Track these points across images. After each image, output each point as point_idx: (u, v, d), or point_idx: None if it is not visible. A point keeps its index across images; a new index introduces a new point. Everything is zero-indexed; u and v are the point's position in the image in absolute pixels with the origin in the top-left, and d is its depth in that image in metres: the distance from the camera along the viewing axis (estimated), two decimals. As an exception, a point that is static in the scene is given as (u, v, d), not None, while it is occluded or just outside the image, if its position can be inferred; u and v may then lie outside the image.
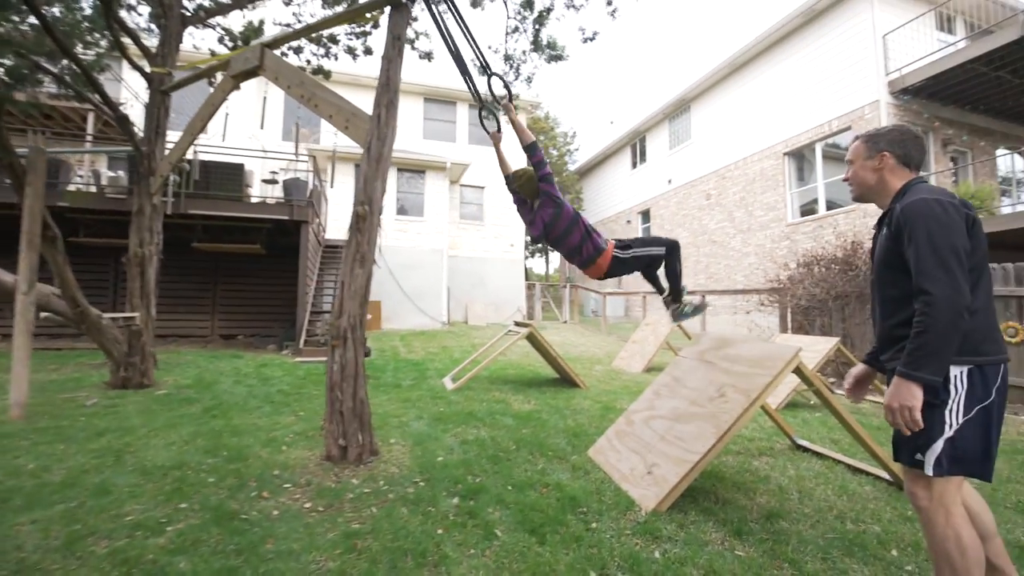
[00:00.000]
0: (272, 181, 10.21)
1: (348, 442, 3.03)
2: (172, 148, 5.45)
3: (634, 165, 18.94)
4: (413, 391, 5.56)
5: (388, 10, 3.92)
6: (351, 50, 8.56)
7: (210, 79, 7.18)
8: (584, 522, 2.32)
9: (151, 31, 8.03)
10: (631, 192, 18.99)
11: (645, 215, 18.13)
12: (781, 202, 12.14)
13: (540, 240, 3.50)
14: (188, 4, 6.35)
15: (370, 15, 4.26)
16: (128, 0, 6.84)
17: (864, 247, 7.40)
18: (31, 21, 5.85)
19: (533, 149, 3.28)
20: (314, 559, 1.98)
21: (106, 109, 5.40)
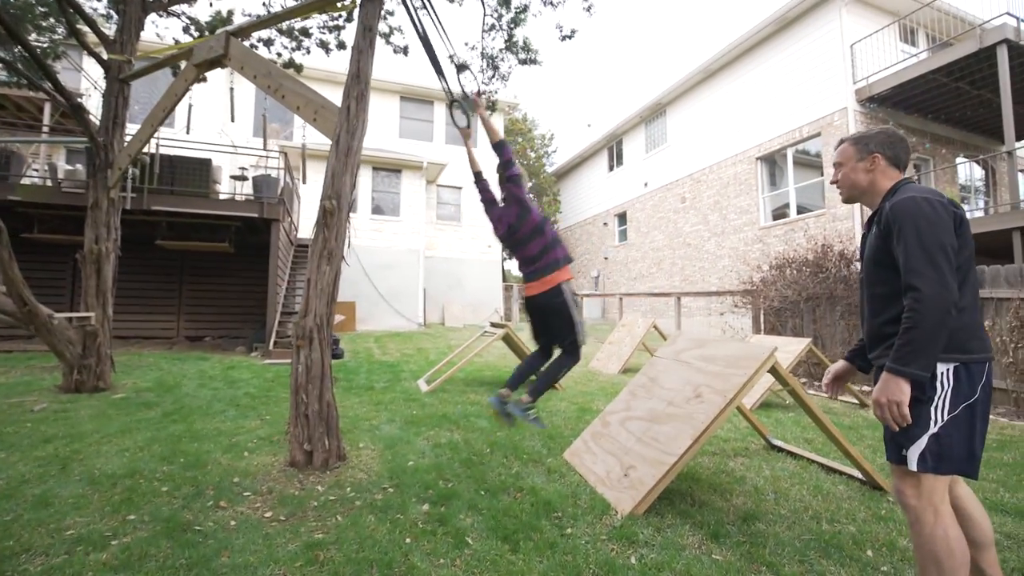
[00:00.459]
0: (242, 178, 9.90)
1: (314, 447, 2.90)
2: (131, 139, 5.20)
3: (611, 168, 19.07)
4: (386, 393, 5.41)
5: (360, 0, 3.80)
6: (324, 44, 8.36)
7: (173, 68, 6.92)
8: (559, 528, 2.25)
9: (110, 18, 7.70)
10: (608, 195, 19.10)
11: (622, 218, 18.26)
12: (754, 206, 12.35)
13: (503, 241, 3.30)
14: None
15: (342, 4, 4.11)
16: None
17: (834, 250, 7.56)
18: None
19: (501, 147, 3.18)
20: (272, 572, 1.85)
21: (59, 97, 5.11)
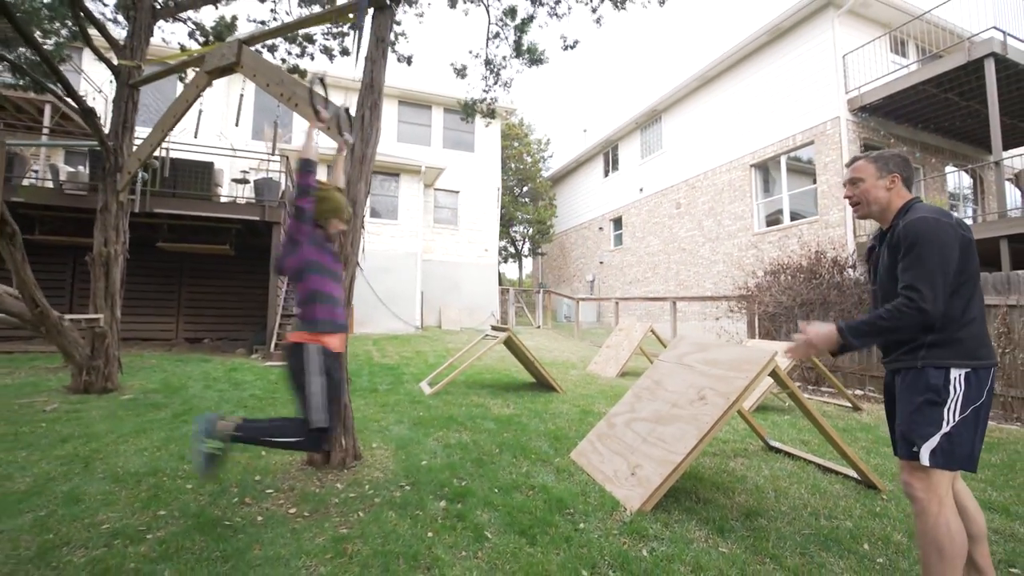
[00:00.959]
0: (243, 181, 9.96)
1: (331, 447, 2.99)
2: (141, 144, 5.26)
3: (606, 173, 19.26)
4: (390, 395, 5.50)
5: (372, 12, 3.92)
6: (327, 50, 8.46)
7: (182, 75, 6.98)
8: (572, 523, 2.36)
9: (116, 22, 7.76)
10: (604, 199, 19.29)
11: (617, 222, 18.44)
12: (748, 212, 12.55)
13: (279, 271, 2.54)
14: (159, -3, 6.16)
15: (354, 16, 4.22)
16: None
17: (827, 256, 7.74)
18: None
19: (305, 169, 2.43)
20: (304, 564, 1.95)
21: (70, 102, 5.18)
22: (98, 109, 10.22)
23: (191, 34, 7.82)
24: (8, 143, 5.45)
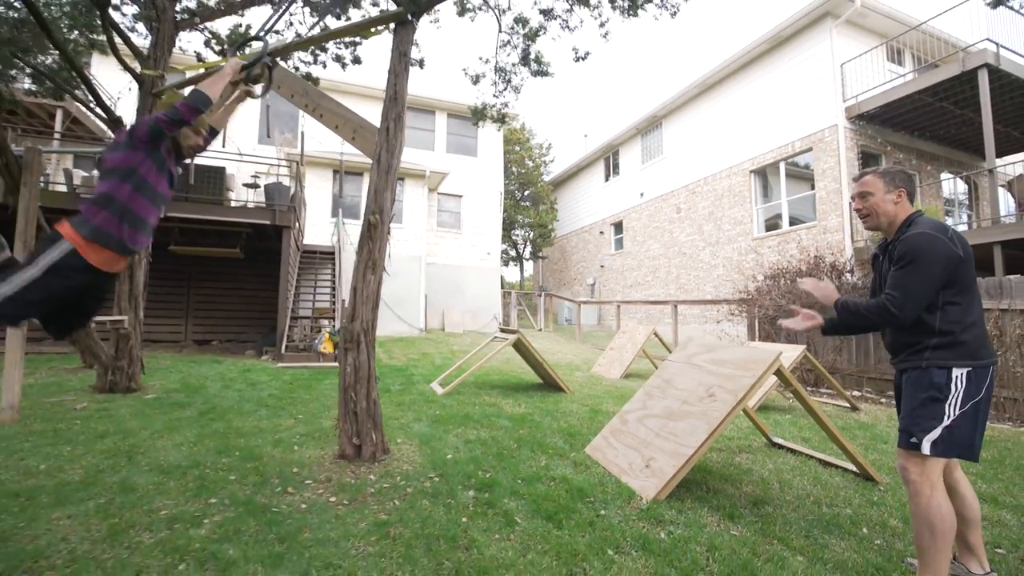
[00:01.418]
0: (254, 185, 10.14)
1: (362, 441, 3.18)
2: (166, 152, 5.45)
3: (607, 178, 19.49)
4: (404, 395, 5.68)
5: (394, 27, 4.12)
6: (339, 58, 8.64)
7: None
8: (593, 510, 2.55)
9: (134, 30, 7.95)
10: (604, 204, 19.52)
11: (618, 226, 18.66)
12: (748, 217, 12.78)
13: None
14: (180, 8, 6.35)
15: (376, 30, 4.43)
16: (116, 1, 6.78)
17: (825, 261, 7.96)
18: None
19: (192, 98, 2.15)
20: (353, 545, 2.14)
21: (99, 110, 5.36)
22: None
23: (207, 42, 8.02)
24: (44, 150, 5.61)
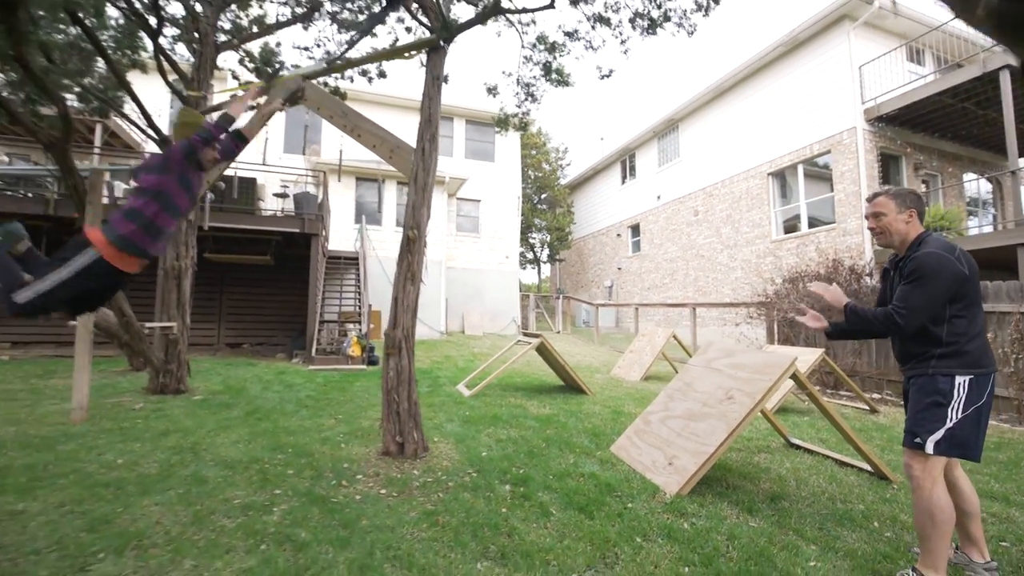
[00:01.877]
0: (283, 195, 10.55)
1: (404, 439, 3.45)
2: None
3: (624, 181, 19.62)
4: (433, 397, 5.95)
5: (427, 52, 4.40)
6: (365, 72, 8.99)
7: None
8: (621, 503, 2.78)
9: (174, 51, 8.39)
10: (621, 207, 19.65)
11: (635, 229, 18.78)
12: (766, 219, 12.83)
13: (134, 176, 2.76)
14: (221, 32, 6.74)
15: (409, 55, 4.72)
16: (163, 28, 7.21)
17: (844, 264, 8.05)
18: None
19: (224, 122, 2.68)
20: (408, 531, 2.40)
21: (149, 130, 5.76)
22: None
23: (240, 60, 8.42)
24: (105, 168, 6.05)
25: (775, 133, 12.61)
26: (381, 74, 9.03)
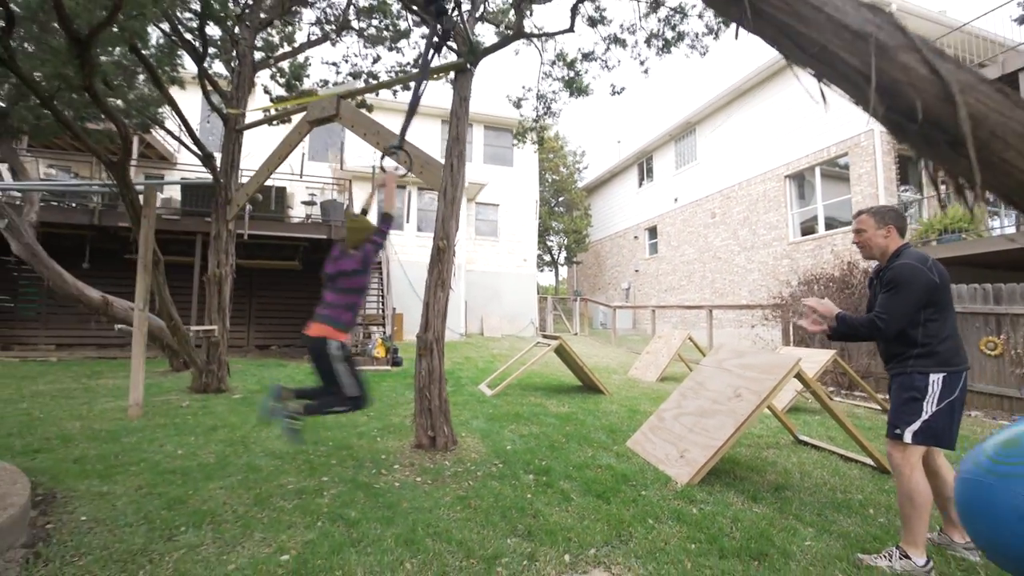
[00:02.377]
0: (311, 203, 11.00)
1: (436, 433, 3.75)
2: (250, 180, 6.22)
3: (641, 183, 19.76)
4: (456, 396, 6.25)
5: (454, 74, 4.71)
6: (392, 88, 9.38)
7: (274, 119, 7.87)
8: (635, 490, 3.03)
9: (210, 67, 8.89)
10: (638, 209, 19.79)
11: (652, 231, 18.90)
12: (783, 222, 12.89)
13: (326, 274, 3.35)
14: (257, 53, 7.17)
15: (437, 76, 5.04)
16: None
17: (859, 267, 8.15)
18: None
19: (389, 220, 3.35)
20: (444, 512, 2.69)
21: (194, 148, 6.19)
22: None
23: (272, 76, 8.88)
24: (149, 183, 6.51)
25: (792, 135, 12.67)
26: (405, 87, 9.44)
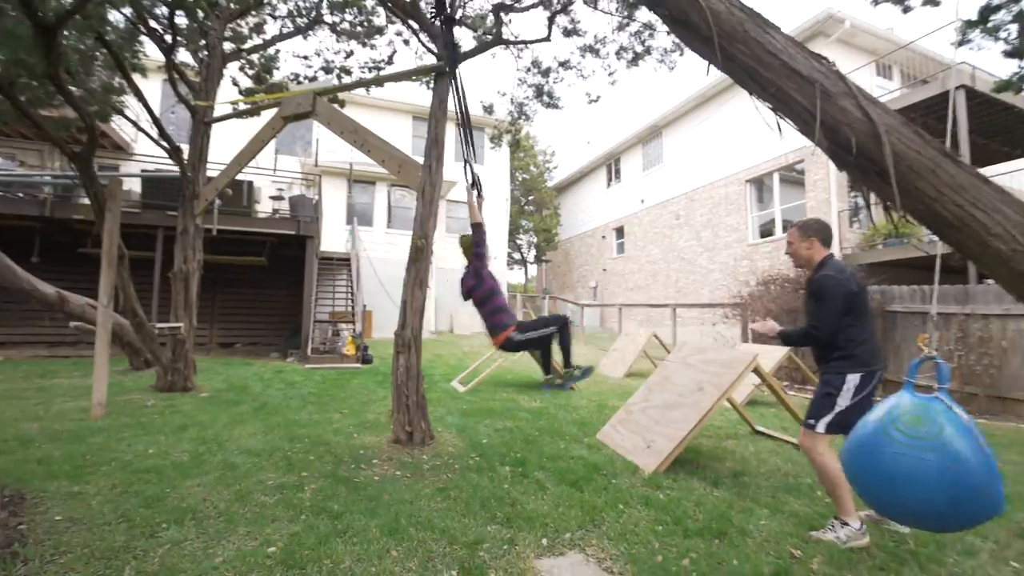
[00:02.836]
0: (279, 198, 10.80)
1: (413, 428, 3.83)
2: (219, 175, 6.09)
3: (609, 184, 20.17)
4: (430, 393, 6.27)
5: (433, 76, 4.78)
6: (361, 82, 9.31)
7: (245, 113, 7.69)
8: (606, 479, 3.21)
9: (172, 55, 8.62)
10: (606, 209, 20.19)
11: (619, 231, 19.33)
12: (743, 224, 13.44)
13: (465, 298, 4.60)
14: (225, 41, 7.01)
15: (417, 79, 5.11)
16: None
17: (813, 269, 8.63)
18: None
19: (479, 228, 4.23)
20: (425, 504, 2.79)
21: (162, 142, 6.03)
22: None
23: (241, 68, 8.68)
24: (118, 175, 6.27)
25: (753, 142, 13.21)
26: (379, 85, 9.39)
